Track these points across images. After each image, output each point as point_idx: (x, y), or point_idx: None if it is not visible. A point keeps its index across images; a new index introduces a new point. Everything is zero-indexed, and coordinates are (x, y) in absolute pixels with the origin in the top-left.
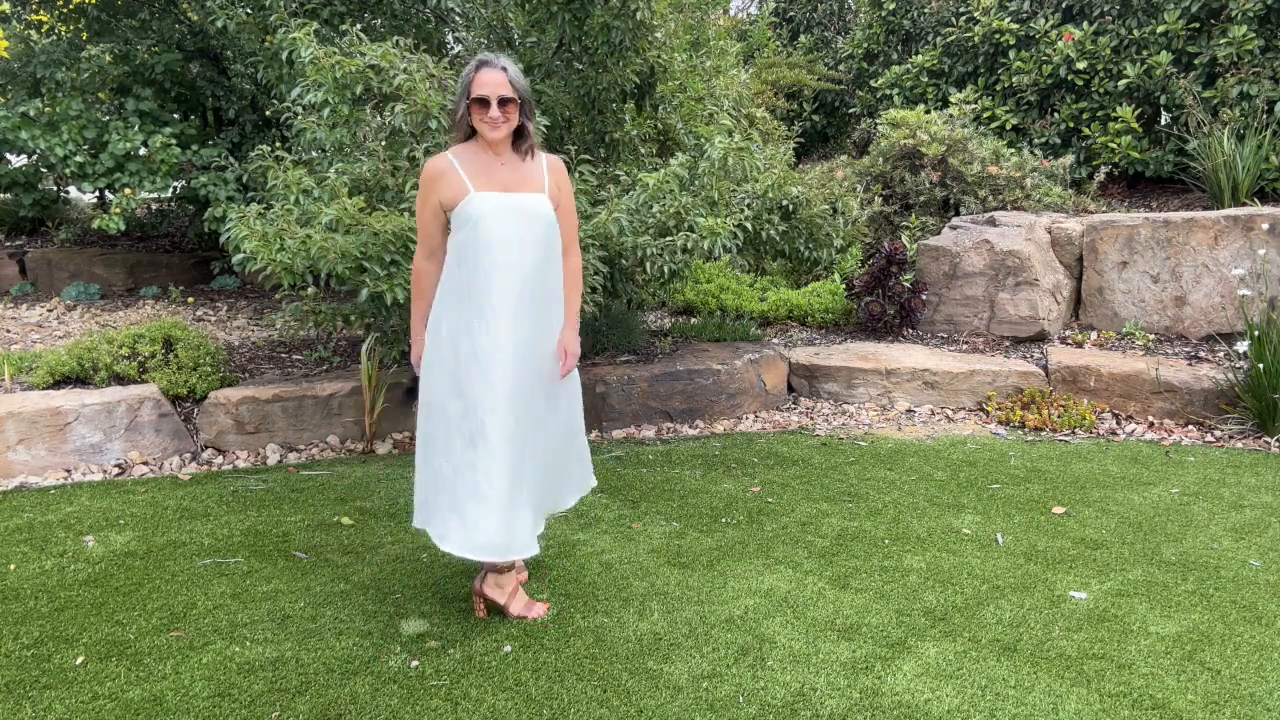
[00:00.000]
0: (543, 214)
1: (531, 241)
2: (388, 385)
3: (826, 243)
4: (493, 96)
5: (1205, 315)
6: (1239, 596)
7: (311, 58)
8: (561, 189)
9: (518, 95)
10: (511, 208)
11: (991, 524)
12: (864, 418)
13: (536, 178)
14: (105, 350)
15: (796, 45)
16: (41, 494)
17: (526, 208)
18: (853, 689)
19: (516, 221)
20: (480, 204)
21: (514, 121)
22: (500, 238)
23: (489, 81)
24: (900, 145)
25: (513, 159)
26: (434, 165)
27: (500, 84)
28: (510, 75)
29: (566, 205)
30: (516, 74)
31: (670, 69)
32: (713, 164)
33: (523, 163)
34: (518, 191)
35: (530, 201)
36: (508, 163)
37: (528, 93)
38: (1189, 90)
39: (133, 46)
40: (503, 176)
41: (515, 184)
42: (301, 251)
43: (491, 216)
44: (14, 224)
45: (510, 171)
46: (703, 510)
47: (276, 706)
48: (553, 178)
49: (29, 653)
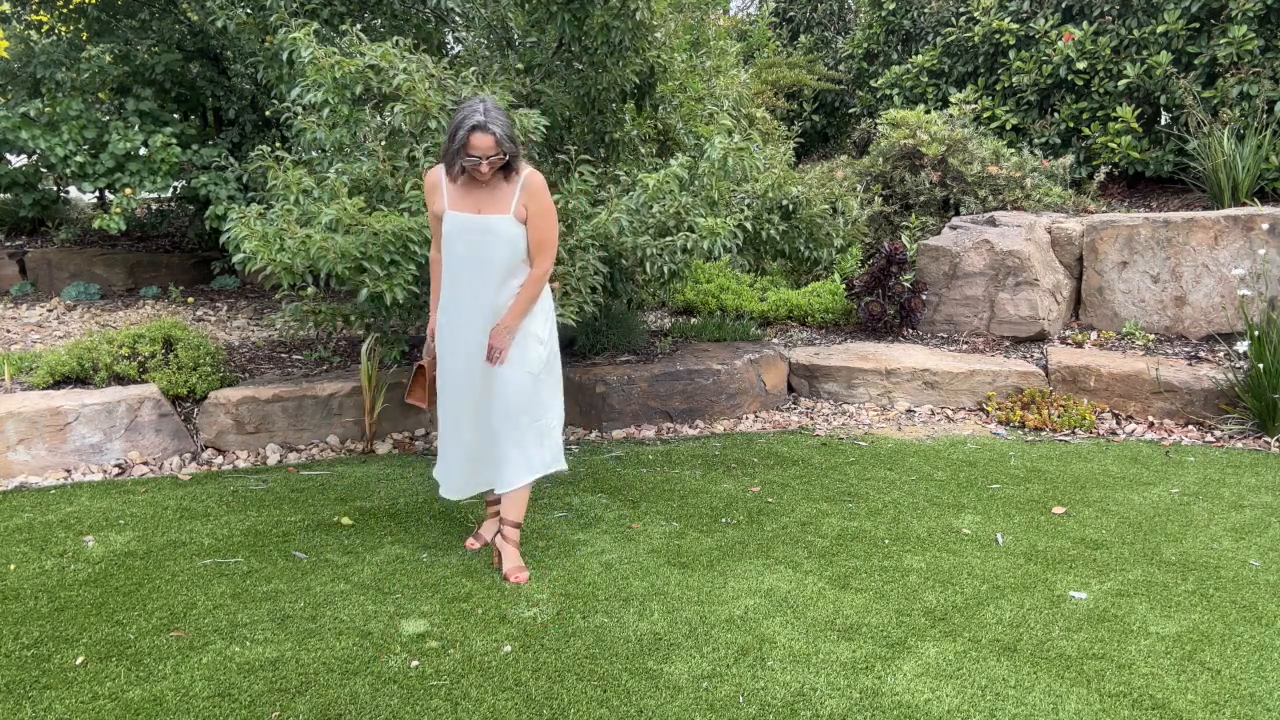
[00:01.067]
0: (504, 233)
1: (489, 259)
2: (388, 385)
3: (826, 242)
4: (483, 158)
5: (1205, 315)
6: (1239, 596)
7: (311, 58)
8: (531, 205)
9: (503, 153)
10: (475, 228)
11: (991, 524)
12: (864, 418)
13: (506, 198)
14: (105, 350)
15: (796, 45)
16: (41, 494)
17: (490, 228)
18: (853, 689)
19: (478, 241)
20: (449, 222)
21: (499, 164)
22: (460, 254)
23: (479, 146)
24: (900, 145)
25: (495, 179)
26: (429, 177)
27: (489, 147)
28: (498, 136)
29: (536, 216)
30: (504, 130)
31: (670, 69)
32: (713, 164)
33: (504, 183)
34: (485, 213)
35: (494, 223)
36: (490, 182)
37: (513, 140)
38: (1189, 90)
39: (133, 46)
40: (478, 197)
41: (486, 204)
42: (301, 251)
43: (455, 235)
44: (14, 224)
45: (487, 193)
46: (703, 510)
47: (276, 706)
48: (523, 196)
49: (29, 653)
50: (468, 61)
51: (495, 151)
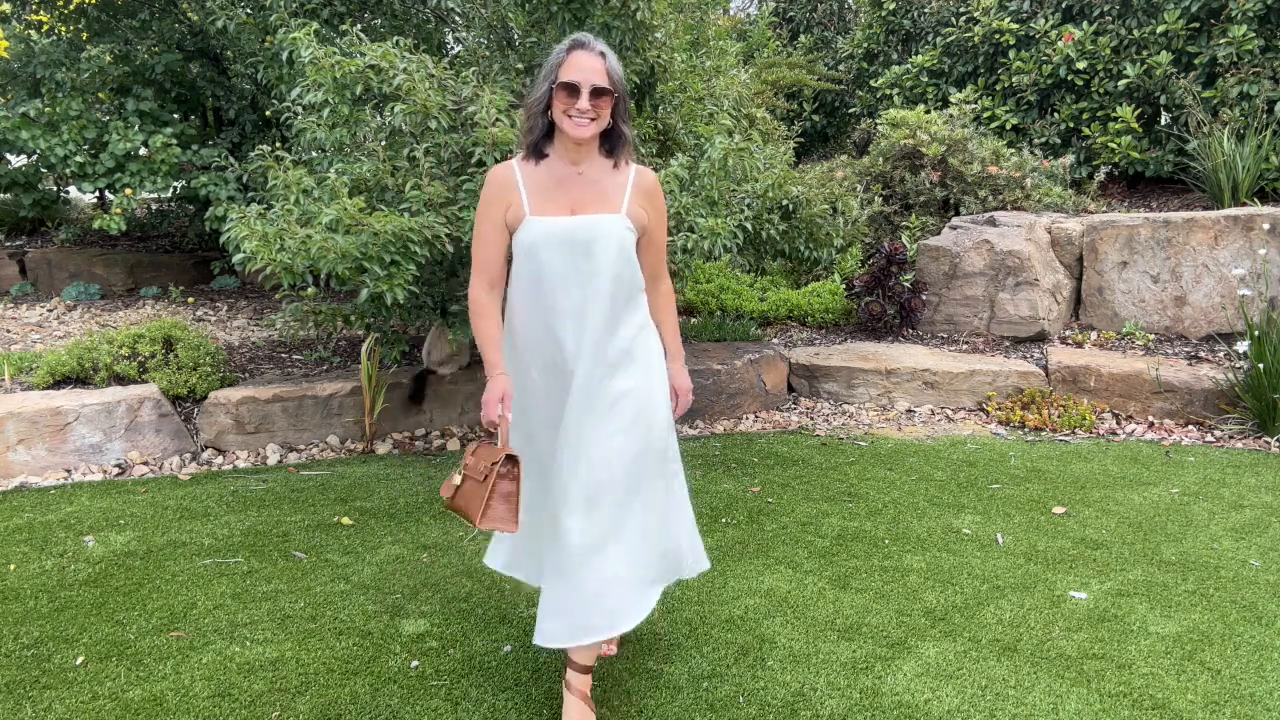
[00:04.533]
0: (617, 239)
1: (598, 277)
2: (388, 385)
3: (826, 242)
4: (584, 84)
5: (1205, 315)
6: (1239, 596)
7: (311, 58)
8: (650, 208)
9: (614, 89)
10: (576, 234)
11: (991, 524)
12: (864, 418)
13: (616, 193)
14: (105, 350)
15: (796, 45)
16: (41, 494)
17: (599, 231)
18: (853, 689)
19: (583, 251)
20: (533, 231)
21: (604, 121)
22: (554, 273)
23: (583, 66)
24: (900, 145)
25: (596, 167)
26: (497, 175)
27: (596, 71)
28: (609, 64)
29: (655, 231)
30: (616, 64)
31: (670, 69)
32: (713, 164)
33: (609, 173)
34: (587, 212)
35: (604, 225)
36: (588, 172)
37: (624, 89)
38: (1189, 90)
39: (133, 47)
40: (572, 192)
41: (587, 201)
42: (301, 251)
43: (544, 246)
44: (14, 224)
45: (584, 187)
46: (703, 510)
47: (276, 706)
48: (638, 195)
49: (29, 653)
50: (468, 61)
51: (604, 81)
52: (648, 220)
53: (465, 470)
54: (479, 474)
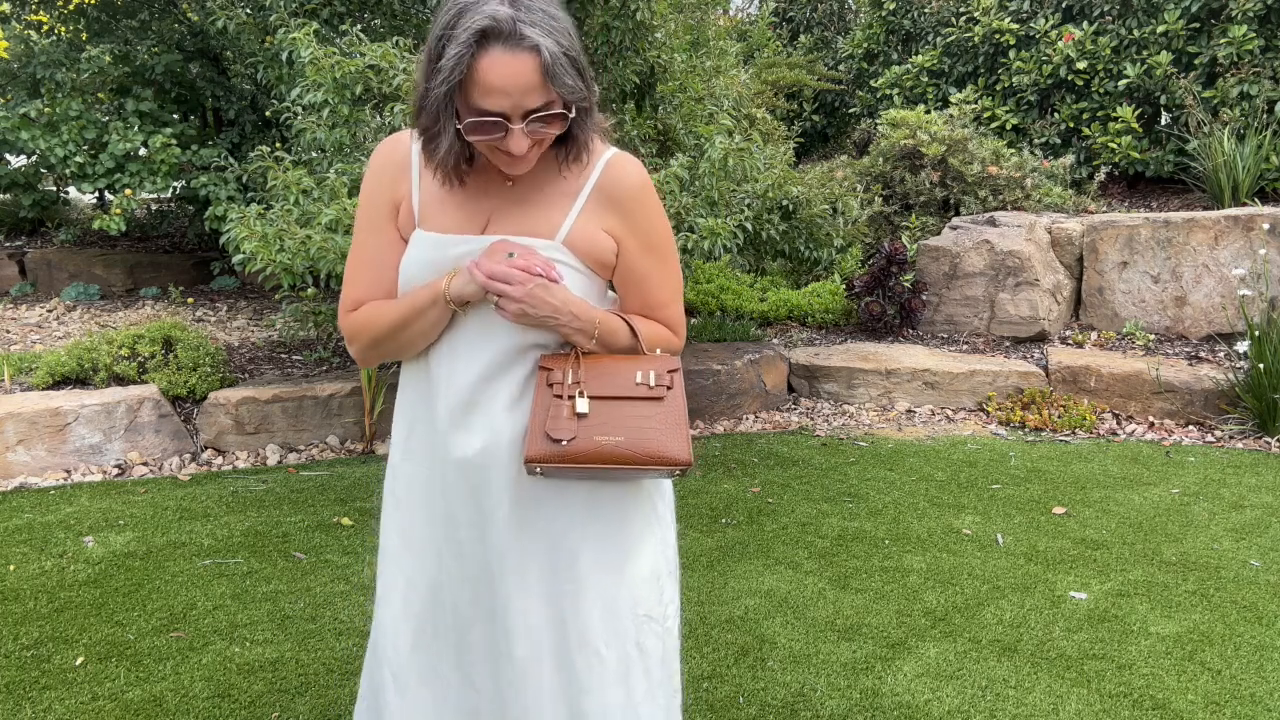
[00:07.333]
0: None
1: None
2: (387, 385)
3: (826, 243)
4: (514, 112)
5: (1205, 315)
6: (1239, 596)
7: (311, 58)
8: (624, 223)
9: (563, 97)
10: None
11: (992, 524)
12: (864, 418)
13: (561, 203)
14: (105, 351)
15: (796, 45)
16: (41, 494)
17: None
18: (853, 689)
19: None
20: (421, 249)
21: (550, 140)
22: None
23: (506, 77)
24: (900, 145)
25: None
26: (385, 152)
27: (528, 83)
28: (546, 56)
29: (635, 257)
30: (561, 46)
31: (670, 69)
32: (713, 164)
33: (555, 172)
34: (506, 231)
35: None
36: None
37: (582, 71)
38: (1189, 90)
39: (132, 47)
40: (497, 198)
41: (510, 214)
42: (301, 252)
43: (423, 275)
44: (14, 224)
45: (511, 191)
46: (703, 510)
47: (276, 707)
48: (599, 203)
49: (29, 653)
50: None
51: (546, 97)
52: (617, 243)
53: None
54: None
